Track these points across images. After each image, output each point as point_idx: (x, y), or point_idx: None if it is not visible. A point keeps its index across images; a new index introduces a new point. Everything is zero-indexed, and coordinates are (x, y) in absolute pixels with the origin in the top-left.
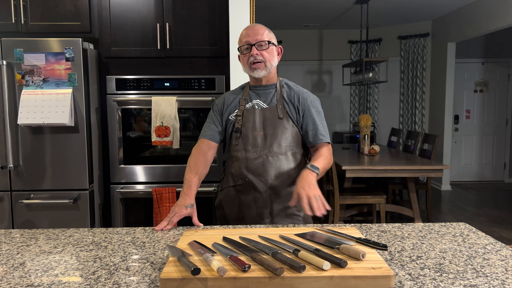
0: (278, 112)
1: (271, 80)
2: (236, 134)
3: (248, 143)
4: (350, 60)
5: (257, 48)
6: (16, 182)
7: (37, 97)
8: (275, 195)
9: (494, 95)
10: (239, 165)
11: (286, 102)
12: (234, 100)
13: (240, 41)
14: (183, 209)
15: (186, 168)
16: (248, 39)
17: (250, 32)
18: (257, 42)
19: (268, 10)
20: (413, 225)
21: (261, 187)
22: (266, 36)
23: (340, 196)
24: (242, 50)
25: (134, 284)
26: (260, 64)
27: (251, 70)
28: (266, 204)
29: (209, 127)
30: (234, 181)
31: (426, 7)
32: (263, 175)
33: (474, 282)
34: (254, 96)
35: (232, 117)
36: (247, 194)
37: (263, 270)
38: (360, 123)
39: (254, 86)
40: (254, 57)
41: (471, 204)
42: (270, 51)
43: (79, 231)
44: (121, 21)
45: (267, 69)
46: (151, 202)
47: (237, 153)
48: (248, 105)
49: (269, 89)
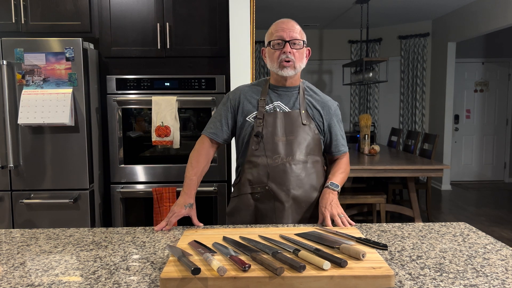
0: (302, 118)
1: (295, 82)
2: (257, 138)
3: (270, 149)
4: (350, 60)
5: (290, 45)
6: (17, 182)
7: (37, 97)
8: (296, 204)
9: (494, 95)
10: (258, 172)
11: (310, 107)
12: (252, 99)
13: (271, 34)
14: (182, 209)
15: (187, 164)
16: (283, 34)
17: (285, 27)
18: (292, 39)
19: (268, 10)
20: (413, 224)
21: (283, 197)
22: (301, 35)
23: (340, 196)
24: (273, 45)
25: (134, 284)
26: (291, 63)
27: (280, 67)
28: (287, 215)
29: (215, 124)
30: (252, 188)
31: (426, 7)
32: (285, 184)
33: (474, 281)
34: (275, 98)
35: (251, 119)
36: (267, 203)
37: (263, 270)
38: (360, 123)
39: (276, 86)
40: (287, 54)
41: (471, 204)
42: (301, 52)
43: (79, 230)
44: (121, 21)
45: (296, 70)
46: (151, 202)
47: (257, 159)
48: (269, 107)
49: (291, 91)
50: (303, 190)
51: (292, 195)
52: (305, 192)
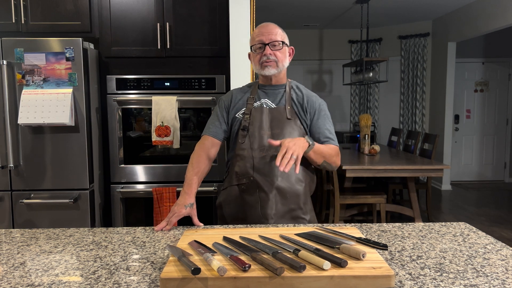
0: (287, 113)
1: (281, 81)
2: (243, 132)
3: (255, 142)
4: (350, 59)
5: (270, 47)
6: (17, 181)
7: (37, 96)
8: (280, 196)
9: (495, 94)
10: (244, 164)
11: (295, 103)
12: (242, 98)
13: (253, 39)
14: (183, 209)
15: (188, 165)
16: (262, 38)
17: (264, 31)
18: (271, 41)
19: (268, 10)
20: (413, 224)
21: (267, 188)
22: (280, 36)
23: (341, 195)
24: (255, 49)
25: (134, 284)
26: (271, 62)
27: (261, 68)
28: (271, 205)
29: (214, 124)
30: (238, 180)
31: (426, 7)
32: (269, 175)
33: (475, 281)
34: (262, 95)
35: (239, 115)
36: (252, 194)
37: (263, 270)
38: (360, 122)
39: (263, 85)
40: (267, 56)
41: (471, 204)
42: (283, 51)
43: (80, 230)
44: (121, 20)
45: (278, 68)
46: (152, 201)
47: (243, 152)
48: (256, 104)
49: (278, 89)
50: (287, 182)
51: (276, 186)
52: (289, 184)
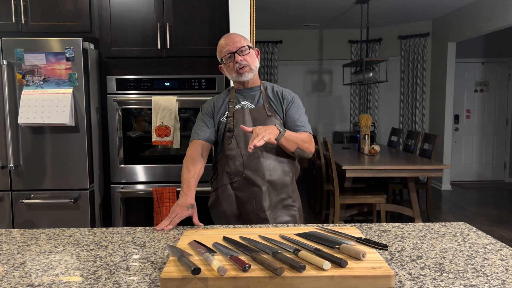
0: (266, 110)
1: (255, 83)
2: (229, 133)
3: (241, 141)
4: (350, 60)
5: (239, 54)
6: (17, 181)
7: (37, 97)
8: (272, 188)
9: (495, 95)
10: (234, 163)
11: (271, 100)
12: (223, 103)
13: (220, 52)
14: (185, 210)
15: (183, 169)
16: (229, 48)
17: (229, 41)
18: (238, 49)
19: (268, 10)
20: (413, 224)
21: (259, 182)
22: (244, 42)
23: (340, 195)
24: (225, 60)
25: (134, 284)
26: (246, 68)
27: (238, 75)
28: (265, 198)
29: (201, 128)
30: (231, 178)
31: (426, 7)
32: (259, 170)
33: (474, 282)
34: (241, 99)
35: (223, 119)
36: (244, 190)
37: (263, 270)
38: (360, 122)
39: (239, 89)
40: (239, 63)
41: (471, 204)
42: (251, 55)
43: (80, 230)
44: (121, 21)
45: (253, 72)
46: (152, 201)
47: (232, 152)
48: (237, 107)
49: (254, 91)
50: (276, 174)
51: (267, 179)
52: (278, 176)
